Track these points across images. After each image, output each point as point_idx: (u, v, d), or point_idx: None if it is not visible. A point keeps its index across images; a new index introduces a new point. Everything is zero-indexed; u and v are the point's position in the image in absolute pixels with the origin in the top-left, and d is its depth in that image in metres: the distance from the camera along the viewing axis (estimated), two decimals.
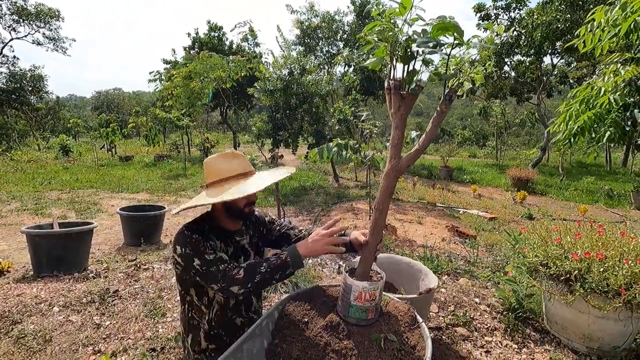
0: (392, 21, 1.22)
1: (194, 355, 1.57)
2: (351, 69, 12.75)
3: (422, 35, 1.14)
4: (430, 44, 1.14)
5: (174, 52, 17.89)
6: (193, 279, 1.43)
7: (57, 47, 26.94)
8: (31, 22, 25.55)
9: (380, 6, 1.23)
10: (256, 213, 1.75)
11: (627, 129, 3.58)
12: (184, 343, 1.61)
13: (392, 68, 1.19)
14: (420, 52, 1.14)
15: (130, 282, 3.22)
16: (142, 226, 4.45)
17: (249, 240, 1.65)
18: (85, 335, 2.34)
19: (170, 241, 4.62)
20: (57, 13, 25.76)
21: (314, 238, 1.41)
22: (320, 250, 1.39)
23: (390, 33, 1.13)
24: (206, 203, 1.39)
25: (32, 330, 2.36)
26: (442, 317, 2.64)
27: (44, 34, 26.33)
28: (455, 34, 1.09)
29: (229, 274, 1.34)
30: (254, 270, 1.35)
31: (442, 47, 1.14)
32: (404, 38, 1.16)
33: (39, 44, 26.57)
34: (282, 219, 4.52)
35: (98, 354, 2.17)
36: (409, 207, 6.94)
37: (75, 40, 27.98)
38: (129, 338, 2.34)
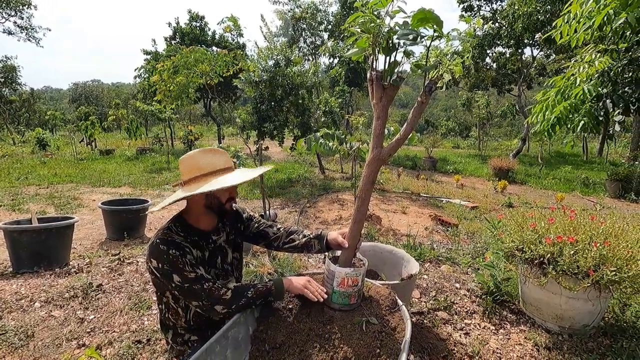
0: (374, 13, 1.23)
1: (177, 347, 1.58)
2: (336, 61, 12.72)
3: (402, 27, 1.17)
4: (411, 36, 1.16)
5: (154, 42, 17.44)
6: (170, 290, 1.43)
7: (30, 36, 25.76)
8: (1, 9, 24.33)
9: None
10: (234, 208, 1.74)
11: (601, 118, 3.72)
12: (165, 337, 1.61)
13: (375, 59, 1.22)
14: (402, 44, 1.16)
15: (114, 276, 3.19)
16: (125, 220, 4.39)
17: (225, 237, 1.63)
18: (68, 330, 2.32)
19: None
20: (28, 1, 24.59)
21: (298, 279, 1.49)
22: (297, 290, 1.46)
23: (372, 24, 1.15)
24: (189, 195, 1.36)
25: (13, 327, 2.32)
26: (424, 302, 2.72)
27: (15, 22, 25.13)
28: (434, 25, 1.12)
29: (215, 294, 1.36)
30: (240, 294, 1.39)
31: (422, 39, 1.16)
32: (385, 30, 1.17)
33: (10, 33, 25.35)
34: (268, 211, 4.53)
35: (82, 348, 2.16)
36: (394, 197, 7.05)
37: (50, 30, 26.88)
38: (114, 331, 2.33)
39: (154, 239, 1.41)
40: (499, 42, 13.66)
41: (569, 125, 3.54)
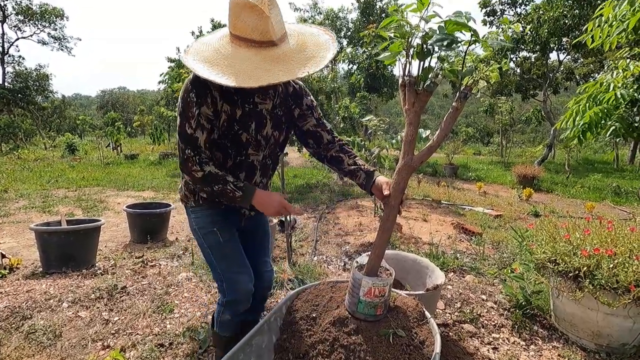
0: (406, 17, 1.21)
1: (184, 192, 1.66)
2: (355, 67, 12.73)
3: (438, 32, 1.14)
4: (445, 42, 1.13)
5: (179, 50, 17.91)
6: None
7: (62, 46, 27.18)
8: (36, 21, 25.77)
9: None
10: (296, 85, 1.58)
11: (636, 124, 3.55)
12: (180, 184, 1.69)
13: (408, 64, 1.19)
14: (437, 49, 1.13)
15: (137, 278, 3.24)
16: (148, 223, 4.48)
17: (271, 107, 1.50)
18: (94, 331, 2.37)
19: (177, 239, 4.65)
20: (61, 12, 25.94)
21: (272, 202, 1.41)
22: (269, 213, 1.43)
23: (407, 29, 1.13)
24: (212, 79, 1.18)
25: (42, 326, 2.39)
26: (449, 313, 2.63)
27: (49, 33, 26.56)
28: (470, 30, 1.08)
29: (188, 165, 1.37)
30: (209, 182, 1.38)
31: (458, 45, 1.13)
32: (420, 34, 1.15)
33: (44, 43, 26.80)
34: (289, 216, 4.52)
35: (107, 349, 2.19)
36: (414, 204, 6.92)
37: (80, 40, 28.25)
38: (138, 334, 2.36)
39: (193, 75, 1.34)
40: (523, 47, 13.32)
41: (599, 131, 3.41)
